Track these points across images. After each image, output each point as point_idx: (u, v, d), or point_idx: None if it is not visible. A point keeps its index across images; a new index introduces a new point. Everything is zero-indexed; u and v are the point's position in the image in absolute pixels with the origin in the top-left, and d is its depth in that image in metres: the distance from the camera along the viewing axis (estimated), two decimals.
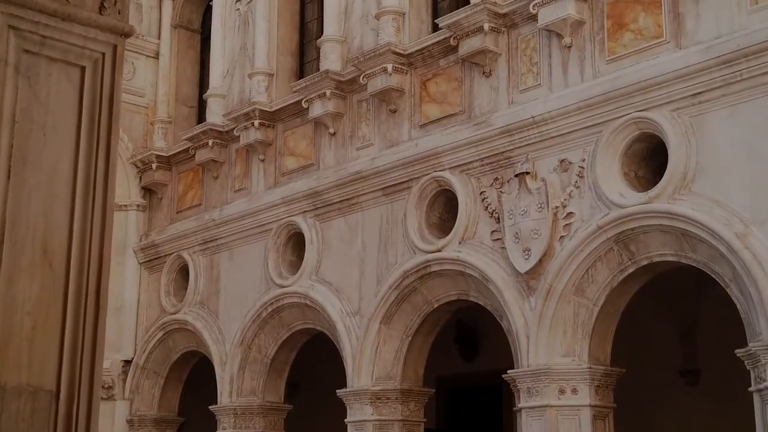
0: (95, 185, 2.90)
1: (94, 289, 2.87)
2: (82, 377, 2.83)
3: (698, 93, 9.14)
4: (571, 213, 9.95)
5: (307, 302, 12.52)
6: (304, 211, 12.82)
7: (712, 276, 9.21)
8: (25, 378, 2.79)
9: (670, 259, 9.49)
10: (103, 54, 3.10)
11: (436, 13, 11.98)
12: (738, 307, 8.92)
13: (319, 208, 12.64)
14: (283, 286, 12.86)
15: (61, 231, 2.85)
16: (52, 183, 2.86)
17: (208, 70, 14.98)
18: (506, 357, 10.56)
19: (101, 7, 3.00)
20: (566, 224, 9.96)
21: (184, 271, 14.77)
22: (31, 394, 2.80)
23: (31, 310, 2.81)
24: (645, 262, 9.64)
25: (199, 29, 16.00)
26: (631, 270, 9.74)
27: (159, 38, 15.91)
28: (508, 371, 10.28)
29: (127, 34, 3.13)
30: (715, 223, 8.81)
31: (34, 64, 2.92)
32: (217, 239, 14.17)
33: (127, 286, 15.35)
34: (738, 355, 8.77)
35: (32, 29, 2.89)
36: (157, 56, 15.87)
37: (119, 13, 3.07)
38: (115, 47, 3.09)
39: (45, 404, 2.81)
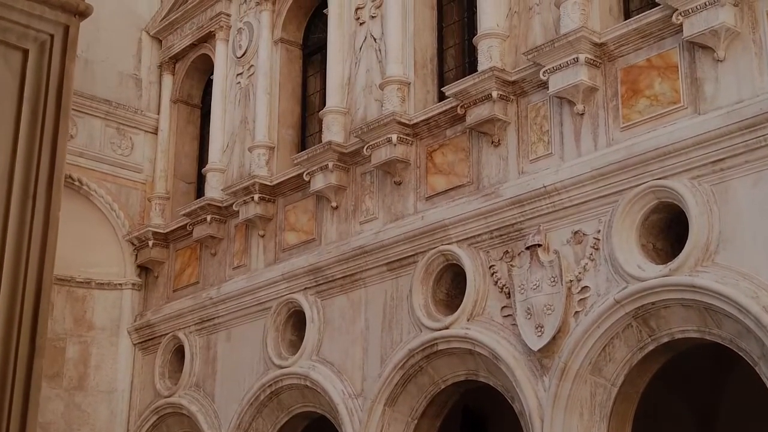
0: (36, 194, 2.38)
1: (29, 323, 2.31)
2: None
3: (719, 159, 8.70)
4: (586, 287, 9.44)
5: (308, 384, 11.94)
6: (305, 288, 12.32)
7: (739, 353, 8.65)
8: None
9: (693, 335, 8.95)
10: (52, 36, 2.59)
11: (442, 82, 11.63)
12: None
13: (321, 284, 12.14)
14: (283, 367, 12.31)
15: None
16: None
17: (208, 146, 14.64)
18: None
19: None
20: (581, 299, 9.44)
21: (179, 352, 14.23)
22: None
23: None
24: (666, 339, 9.10)
25: (199, 104, 15.72)
26: (651, 347, 9.20)
27: (158, 113, 15.60)
28: None
29: (81, 14, 2.63)
30: (741, 297, 8.28)
31: None
32: (214, 318, 13.65)
33: (120, 368, 14.81)
34: None
35: None
36: (155, 131, 15.55)
37: None
38: (66, 28, 2.59)
39: None
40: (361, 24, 12.49)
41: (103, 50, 15.54)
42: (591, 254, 9.44)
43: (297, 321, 12.51)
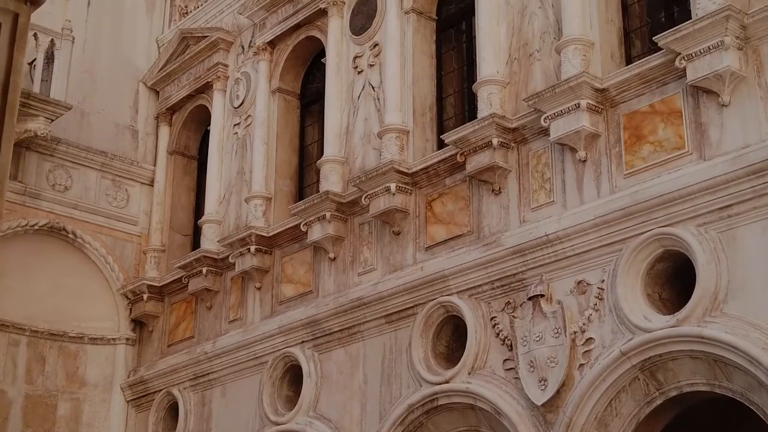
0: None
1: None
2: None
3: (727, 206, 8.44)
4: (590, 338, 9.14)
5: None
6: (302, 342, 12.01)
7: (750, 407, 8.32)
8: None
9: (702, 389, 8.63)
10: None
11: (441, 131, 11.41)
12: None
13: (318, 338, 11.84)
14: (279, 423, 11.97)
15: None
16: None
17: (204, 197, 14.41)
18: None
19: None
20: (586, 351, 9.13)
21: (173, 409, 13.88)
22: None
23: None
24: (674, 393, 8.78)
25: (196, 155, 15.53)
26: (658, 402, 8.88)
27: (155, 165, 15.40)
28: None
29: (33, 2, 2.37)
30: (752, 348, 7.99)
31: None
32: (209, 374, 13.31)
33: (113, 426, 14.48)
34: None
35: None
36: (152, 183, 15.34)
37: None
38: (15, 17, 2.33)
39: None
40: (359, 73, 12.34)
41: (100, 101, 15.40)
42: (595, 304, 9.16)
43: (294, 376, 12.19)
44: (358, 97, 12.27)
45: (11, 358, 13.81)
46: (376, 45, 12.18)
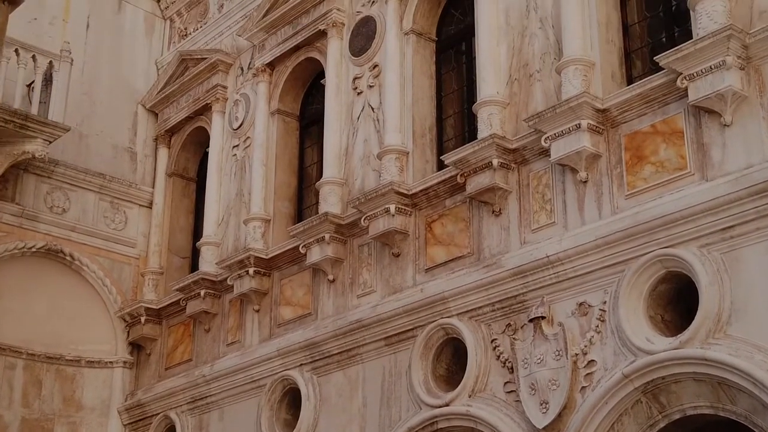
0: None
1: None
2: None
3: (729, 227, 8.36)
4: (592, 361, 9.04)
5: None
6: (301, 364, 11.91)
7: (755, 430, 8.22)
8: None
9: (706, 411, 8.52)
10: None
11: (441, 152, 11.36)
12: None
13: (317, 360, 11.73)
14: None
15: None
16: None
17: (203, 219, 14.34)
18: None
19: None
20: (587, 373, 9.03)
21: None
22: None
23: None
24: (678, 416, 8.67)
25: (194, 177, 15.47)
26: (662, 425, 8.76)
27: (153, 187, 15.34)
28: None
29: (12, 1, 2.30)
30: (756, 370, 7.89)
31: None
32: (207, 397, 13.19)
33: None
34: None
35: None
36: (150, 205, 15.28)
37: None
38: None
39: None
40: (358, 94, 12.30)
41: (98, 123, 15.36)
42: (597, 326, 9.07)
43: (292, 399, 12.07)
44: (358, 119, 12.23)
45: (7, 381, 13.69)
46: (375, 66, 12.15)
